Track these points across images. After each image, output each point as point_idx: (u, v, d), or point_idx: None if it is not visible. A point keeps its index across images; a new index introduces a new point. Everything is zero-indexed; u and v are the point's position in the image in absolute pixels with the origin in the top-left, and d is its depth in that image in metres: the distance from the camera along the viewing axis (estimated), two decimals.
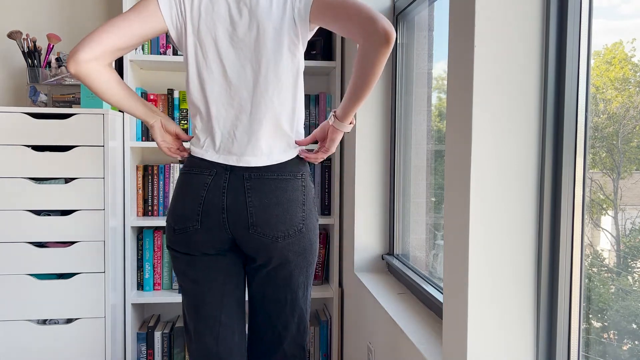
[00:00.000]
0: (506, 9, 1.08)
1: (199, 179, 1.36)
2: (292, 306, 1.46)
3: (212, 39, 1.35)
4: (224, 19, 1.34)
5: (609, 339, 1.14)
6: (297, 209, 1.37)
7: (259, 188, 1.34)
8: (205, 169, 1.36)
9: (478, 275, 1.11)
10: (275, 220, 1.35)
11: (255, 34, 1.33)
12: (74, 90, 2.26)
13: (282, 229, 1.35)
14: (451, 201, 1.19)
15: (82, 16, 2.48)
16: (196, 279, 1.42)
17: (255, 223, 1.34)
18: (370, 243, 2.13)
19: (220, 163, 1.36)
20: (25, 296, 2.03)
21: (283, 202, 1.35)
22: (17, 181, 2.02)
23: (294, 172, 1.38)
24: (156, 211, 2.40)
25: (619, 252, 1.16)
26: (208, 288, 1.42)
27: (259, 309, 1.48)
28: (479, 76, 1.08)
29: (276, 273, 1.42)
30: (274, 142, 1.37)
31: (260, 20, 1.33)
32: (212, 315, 1.43)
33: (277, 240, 1.36)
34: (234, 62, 1.35)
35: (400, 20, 2.04)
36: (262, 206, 1.34)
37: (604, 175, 1.14)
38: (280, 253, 1.38)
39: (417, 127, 1.97)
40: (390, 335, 1.62)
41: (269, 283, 1.43)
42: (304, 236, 1.39)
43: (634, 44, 1.03)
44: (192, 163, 1.39)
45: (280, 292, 1.44)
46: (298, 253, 1.40)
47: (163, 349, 2.40)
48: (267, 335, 1.48)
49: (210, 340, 1.44)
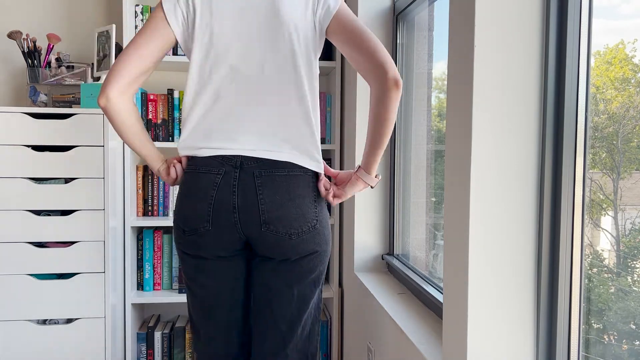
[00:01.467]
0: (506, 9, 1.08)
1: (207, 178, 1.32)
2: (299, 305, 1.40)
3: (223, 35, 1.32)
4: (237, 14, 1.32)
5: (609, 339, 1.14)
6: (309, 205, 1.34)
7: (269, 185, 1.31)
8: (213, 167, 1.33)
9: (478, 275, 1.11)
10: (288, 216, 1.31)
11: (274, 33, 1.32)
12: (74, 90, 2.26)
13: (295, 226, 1.32)
14: (451, 201, 1.19)
15: (82, 16, 2.48)
16: (206, 284, 1.40)
17: (267, 221, 1.31)
18: (370, 243, 2.13)
19: (228, 157, 1.33)
20: (25, 296, 2.03)
21: (295, 198, 1.32)
22: (17, 181, 2.02)
23: (304, 168, 1.35)
24: (156, 211, 2.40)
25: (618, 252, 1.16)
26: (217, 292, 1.41)
27: (264, 307, 1.41)
28: (479, 76, 1.08)
29: (286, 268, 1.37)
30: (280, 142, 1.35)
31: (283, 20, 1.31)
32: (221, 319, 1.42)
33: (292, 238, 1.33)
34: (249, 60, 1.33)
35: (400, 20, 2.04)
36: (274, 203, 1.31)
37: (604, 175, 1.14)
38: (295, 250, 1.34)
39: (417, 127, 1.97)
40: (390, 335, 1.62)
41: (276, 277, 1.38)
42: (319, 232, 1.36)
43: (634, 44, 1.03)
44: (199, 162, 1.35)
45: (288, 288, 1.38)
46: (313, 249, 1.36)
47: (163, 349, 2.40)
48: (270, 336, 1.41)
49: (220, 342, 1.44)
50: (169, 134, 2.38)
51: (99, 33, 2.23)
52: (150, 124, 2.36)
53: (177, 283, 2.39)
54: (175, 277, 2.40)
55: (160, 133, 2.37)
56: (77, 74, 2.28)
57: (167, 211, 2.41)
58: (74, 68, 2.28)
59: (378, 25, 2.07)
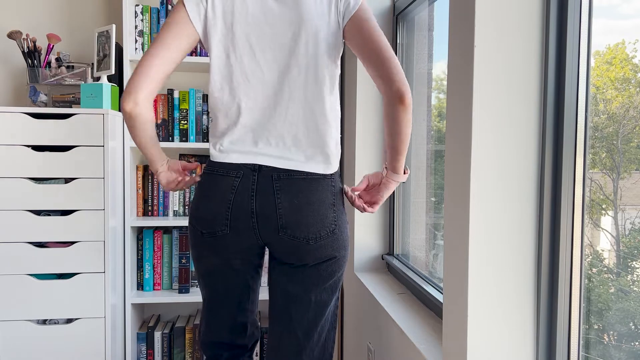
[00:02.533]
0: (506, 9, 1.08)
1: (225, 181, 1.30)
2: (317, 311, 1.37)
3: (245, 37, 1.30)
4: (260, 16, 1.30)
5: (609, 339, 1.14)
6: (328, 210, 1.31)
7: (288, 189, 1.29)
8: (232, 170, 1.31)
9: (478, 275, 1.11)
10: (306, 221, 1.29)
11: (295, 36, 1.29)
12: (74, 90, 2.26)
13: (313, 231, 1.30)
14: (451, 201, 1.19)
15: (82, 16, 2.48)
16: (217, 287, 1.42)
17: (285, 225, 1.29)
18: (370, 243, 2.13)
19: (247, 164, 1.31)
20: (25, 296, 2.03)
21: (313, 203, 1.30)
22: (17, 181, 2.02)
23: (323, 173, 1.33)
24: (156, 211, 2.40)
25: (618, 252, 1.16)
26: (226, 296, 1.43)
27: (281, 312, 1.39)
28: (479, 76, 1.08)
29: (304, 273, 1.35)
30: (305, 148, 1.33)
31: (303, 21, 1.29)
32: (228, 318, 1.46)
33: (309, 243, 1.30)
34: (269, 59, 1.30)
35: (400, 20, 2.04)
36: (292, 207, 1.28)
37: (604, 175, 1.14)
38: (314, 255, 1.32)
39: (417, 127, 1.97)
40: (390, 335, 1.62)
41: (294, 283, 1.36)
42: (337, 238, 1.33)
43: (635, 45, 1.03)
44: (217, 164, 1.33)
45: (306, 294, 1.36)
46: (332, 254, 1.33)
47: (163, 349, 2.40)
48: (286, 341, 1.39)
49: (226, 335, 1.47)
50: (169, 134, 2.38)
51: (99, 33, 2.23)
52: None
53: (177, 283, 2.39)
54: (175, 277, 2.40)
55: (160, 133, 2.37)
56: (77, 74, 2.28)
57: (167, 211, 2.41)
58: (74, 68, 2.28)
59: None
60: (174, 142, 2.36)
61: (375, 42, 1.26)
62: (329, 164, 1.33)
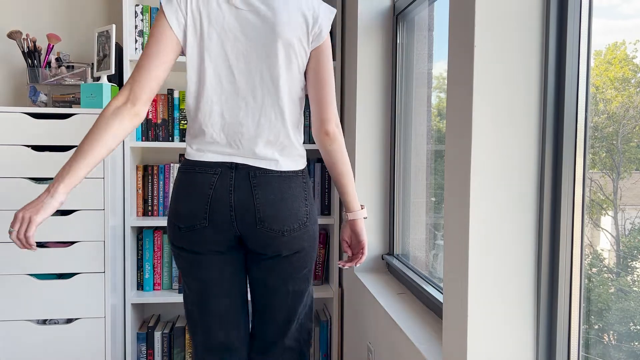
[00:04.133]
0: (506, 9, 1.08)
1: (204, 178, 1.37)
2: (295, 299, 1.48)
3: (221, 44, 1.36)
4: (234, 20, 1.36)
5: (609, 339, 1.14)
6: (301, 204, 1.42)
7: (264, 186, 1.38)
8: (210, 168, 1.38)
9: (478, 275, 1.11)
10: (281, 215, 1.38)
11: (265, 46, 1.36)
12: (74, 90, 2.26)
13: (288, 223, 1.39)
14: (451, 201, 1.19)
15: (82, 16, 2.48)
16: (202, 277, 1.44)
17: (262, 218, 1.37)
18: (370, 243, 2.13)
19: (225, 162, 1.38)
20: (25, 296, 2.03)
21: (287, 198, 1.39)
22: (17, 181, 2.02)
23: (295, 170, 1.43)
24: (156, 211, 2.40)
25: (618, 252, 1.16)
26: (214, 284, 1.44)
27: (262, 304, 1.50)
28: (479, 76, 1.08)
29: (279, 264, 1.44)
30: (277, 149, 1.41)
31: (276, 34, 1.35)
32: (217, 309, 1.46)
33: (284, 235, 1.40)
34: (242, 67, 1.37)
35: (400, 20, 2.04)
36: (269, 202, 1.37)
37: (604, 175, 1.14)
38: (287, 246, 1.41)
39: (417, 127, 1.97)
40: (390, 335, 1.62)
41: (271, 274, 1.45)
42: (309, 229, 1.44)
43: (636, 45, 1.03)
44: (194, 162, 1.39)
45: (284, 284, 1.46)
46: (303, 246, 1.44)
47: (163, 349, 2.40)
48: (267, 330, 1.51)
49: (218, 331, 1.47)
50: (169, 134, 2.38)
51: (98, 33, 2.23)
52: (150, 124, 2.36)
53: (177, 283, 2.39)
54: (175, 277, 2.40)
55: (160, 133, 2.37)
56: (77, 74, 2.28)
57: (167, 211, 2.41)
58: (73, 68, 2.28)
59: (378, 25, 2.07)
60: (174, 142, 2.36)
61: (326, 81, 1.42)
62: (299, 162, 1.44)
